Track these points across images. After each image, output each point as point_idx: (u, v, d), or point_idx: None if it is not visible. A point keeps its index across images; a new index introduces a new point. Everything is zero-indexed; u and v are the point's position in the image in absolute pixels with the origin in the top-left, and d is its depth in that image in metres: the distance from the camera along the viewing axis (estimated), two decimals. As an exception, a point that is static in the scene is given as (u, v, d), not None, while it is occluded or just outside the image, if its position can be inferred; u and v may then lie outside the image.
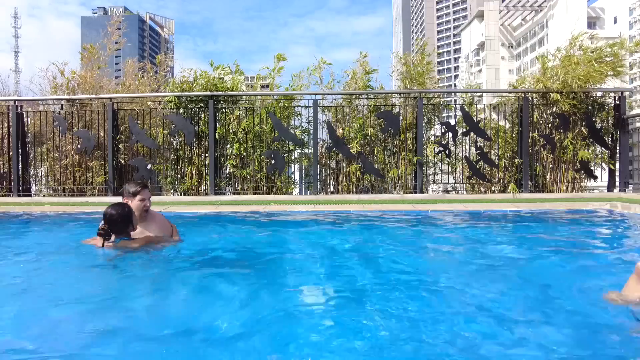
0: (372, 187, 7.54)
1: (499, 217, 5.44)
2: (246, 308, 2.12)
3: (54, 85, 8.12)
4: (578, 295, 2.32)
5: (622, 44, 7.11)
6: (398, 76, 8.13)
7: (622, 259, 3.23)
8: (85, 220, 5.20)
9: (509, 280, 2.65)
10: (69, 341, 1.77)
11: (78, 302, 2.23)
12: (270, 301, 2.23)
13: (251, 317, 1.98)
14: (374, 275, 2.75)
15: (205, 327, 1.87)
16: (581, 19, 52.50)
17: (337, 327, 1.84)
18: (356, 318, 1.93)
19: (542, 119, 7.48)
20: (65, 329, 1.89)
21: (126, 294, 2.41)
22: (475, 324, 1.88)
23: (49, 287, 2.54)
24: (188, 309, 2.16)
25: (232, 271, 2.90)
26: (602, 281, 2.58)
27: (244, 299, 2.27)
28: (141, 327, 1.91)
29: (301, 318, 1.96)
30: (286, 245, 3.99)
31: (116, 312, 2.10)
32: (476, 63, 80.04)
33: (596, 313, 2.02)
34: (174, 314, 2.08)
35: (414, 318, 1.95)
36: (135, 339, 1.75)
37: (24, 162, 7.82)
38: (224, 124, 7.60)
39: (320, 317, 1.99)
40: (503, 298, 2.29)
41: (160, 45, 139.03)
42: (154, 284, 2.61)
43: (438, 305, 2.13)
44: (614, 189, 7.31)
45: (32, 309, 2.14)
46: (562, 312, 2.06)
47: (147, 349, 1.67)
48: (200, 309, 2.15)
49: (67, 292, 2.43)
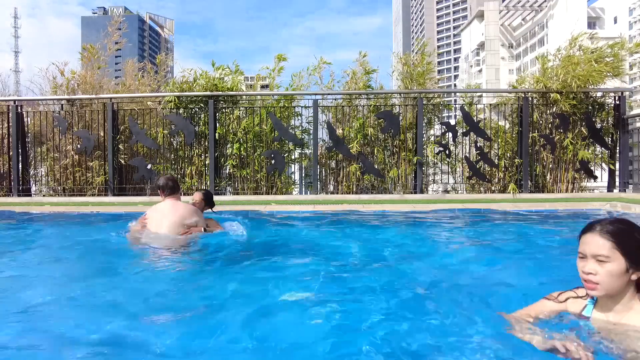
0: (372, 187, 7.54)
1: (499, 216, 5.44)
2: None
3: (54, 85, 8.13)
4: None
5: (622, 44, 7.12)
6: (398, 76, 8.14)
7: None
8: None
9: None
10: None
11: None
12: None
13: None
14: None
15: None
16: (581, 19, 52.49)
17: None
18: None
19: (542, 119, 7.48)
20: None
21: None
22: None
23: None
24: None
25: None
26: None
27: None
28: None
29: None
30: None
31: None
32: (476, 63, 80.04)
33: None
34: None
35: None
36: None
37: (24, 162, 7.82)
38: (224, 124, 7.60)
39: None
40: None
41: (160, 45, 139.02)
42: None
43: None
44: (614, 189, 7.31)
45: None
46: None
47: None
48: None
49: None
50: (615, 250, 1.46)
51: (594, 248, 1.49)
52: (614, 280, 1.47)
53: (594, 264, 1.49)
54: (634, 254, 1.46)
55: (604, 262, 1.47)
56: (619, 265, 1.46)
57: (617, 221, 1.52)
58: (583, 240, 1.54)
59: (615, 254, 1.46)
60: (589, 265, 1.50)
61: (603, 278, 1.47)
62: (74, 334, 1.83)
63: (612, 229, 1.48)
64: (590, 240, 1.51)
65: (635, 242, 1.47)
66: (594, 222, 1.55)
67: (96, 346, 1.70)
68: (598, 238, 1.49)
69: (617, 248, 1.46)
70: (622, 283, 1.48)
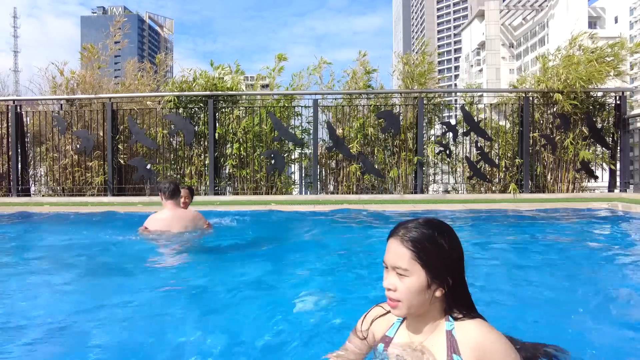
0: (372, 187, 7.52)
1: (498, 216, 5.42)
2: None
3: (53, 85, 8.10)
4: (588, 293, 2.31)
5: (622, 44, 7.10)
6: (399, 76, 8.11)
7: (621, 259, 3.21)
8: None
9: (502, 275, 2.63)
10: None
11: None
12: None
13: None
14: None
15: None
16: (582, 19, 52.41)
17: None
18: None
19: (543, 119, 7.46)
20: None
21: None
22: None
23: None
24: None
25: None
26: (602, 281, 2.56)
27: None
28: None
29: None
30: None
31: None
32: (477, 63, 79.95)
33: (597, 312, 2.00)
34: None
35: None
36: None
37: (23, 162, 7.80)
38: (224, 123, 7.58)
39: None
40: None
41: (160, 44, 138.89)
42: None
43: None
44: (614, 189, 7.29)
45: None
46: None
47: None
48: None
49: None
50: (414, 262, 1.17)
51: (393, 258, 1.20)
52: (414, 297, 1.19)
53: (394, 277, 1.20)
54: (434, 267, 1.18)
55: (403, 276, 1.19)
56: (419, 280, 1.17)
57: (424, 224, 1.22)
58: (387, 246, 1.24)
59: (414, 267, 1.17)
60: (389, 278, 1.21)
61: (403, 295, 1.19)
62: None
63: (414, 236, 1.19)
64: (391, 248, 1.21)
65: (436, 251, 1.19)
66: (400, 224, 1.25)
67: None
68: (398, 246, 1.20)
69: (417, 259, 1.17)
70: (424, 300, 1.20)
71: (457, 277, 1.22)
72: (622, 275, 2.79)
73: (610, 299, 2.28)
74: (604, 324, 1.91)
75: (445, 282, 1.20)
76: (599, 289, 2.43)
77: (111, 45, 8.46)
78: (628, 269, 2.96)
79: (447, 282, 1.20)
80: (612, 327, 1.89)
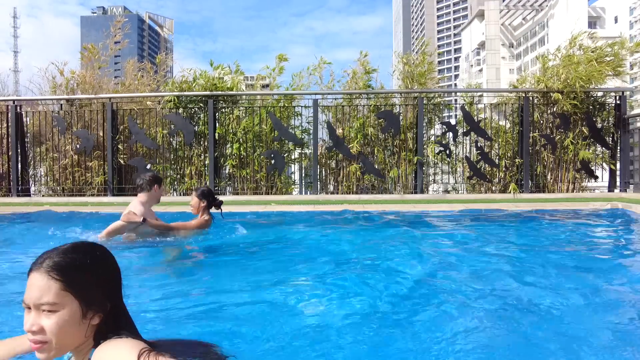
0: (372, 187, 7.52)
1: (498, 216, 5.42)
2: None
3: (53, 85, 8.10)
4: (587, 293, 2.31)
5: (622, 43, 7.10)
6: (399, 76, 8.11)
7: (621, 259, 3.21)
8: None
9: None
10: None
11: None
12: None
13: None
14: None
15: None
16: (582, 19, 52.40)
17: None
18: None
19: (543, 119, 7.46)
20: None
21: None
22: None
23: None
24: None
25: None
26: (602, 281, 2.56)
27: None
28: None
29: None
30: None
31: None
32: (477, 63, 79.98)
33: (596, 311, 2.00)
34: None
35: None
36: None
37: (23, 162, 7.80)
38: (224, 123, 7.58)
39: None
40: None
41: (160, 44, 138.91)
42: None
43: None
44: (614, 189, 7.29)
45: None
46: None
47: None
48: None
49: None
50: (65, 293, 1.03)
51: (36, 294, 1.02)
52: (68, 332, 1.04)
53: (38, 317, 1.03)
54: (89, 294, 1.06)
55: (51, 312, 1.02)
56: (71, 312, 1.04)
57: (71, 249, 1.09)
58: (28, 282, 1.05)
59: (65, 298, 1.03)
60: (31, 319, 1.03)
61: (54, 333, 1.02)
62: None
63: (60, 264, 1.05)
64: (33, 283, 1.04)
65: (89, 275, 1.08)
66: (42, 255, 1.09)
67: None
68: (42, 279, 1.03)
69: (67, 289, 1.04)
70: (80, 333, 1.06)
71: (116, 298, 1.14)
72: (622, 275, 2.79)
73: (610, 299, 2.28)
74: (604, 324, 1.91)
75: (103, 307, 1.10)
76: (599, 289, 2.42)
77: (111, 45, 8.46)
78: (628, 268, 2.96)
79: (106, 306, 1.10)
80: (612, 327, 1.89)
